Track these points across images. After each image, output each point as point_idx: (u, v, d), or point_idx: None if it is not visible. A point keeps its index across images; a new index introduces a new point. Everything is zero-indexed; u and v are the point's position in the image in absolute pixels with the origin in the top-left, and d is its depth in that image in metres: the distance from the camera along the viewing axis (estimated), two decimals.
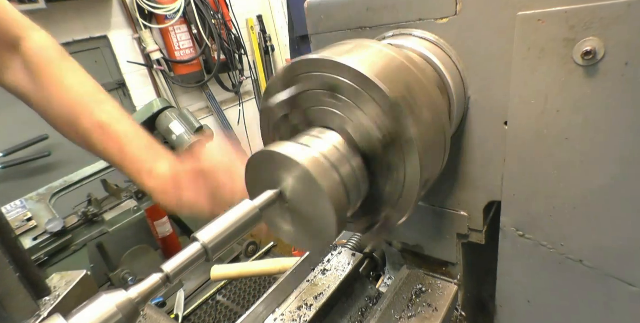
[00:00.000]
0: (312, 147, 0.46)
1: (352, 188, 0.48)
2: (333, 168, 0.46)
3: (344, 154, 0.48)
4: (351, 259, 0.90)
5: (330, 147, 0.48)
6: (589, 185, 0.54)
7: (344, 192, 0.46)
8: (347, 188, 0.47)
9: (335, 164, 0.46)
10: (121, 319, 0.33)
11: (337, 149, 0.48)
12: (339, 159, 0.47)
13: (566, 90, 0.51)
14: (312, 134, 0.50)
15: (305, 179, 0.43)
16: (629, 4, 0.43)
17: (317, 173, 0.43)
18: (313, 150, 0.46)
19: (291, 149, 0.45)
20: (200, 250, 0.39)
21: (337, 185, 0.45)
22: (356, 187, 0.49)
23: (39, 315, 0.40)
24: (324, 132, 0.50)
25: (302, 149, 0.45)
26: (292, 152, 0.44)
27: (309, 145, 0.47)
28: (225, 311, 2.77)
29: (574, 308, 0.66)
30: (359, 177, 0.49)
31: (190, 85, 3.92)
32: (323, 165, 0.44)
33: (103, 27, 3.37)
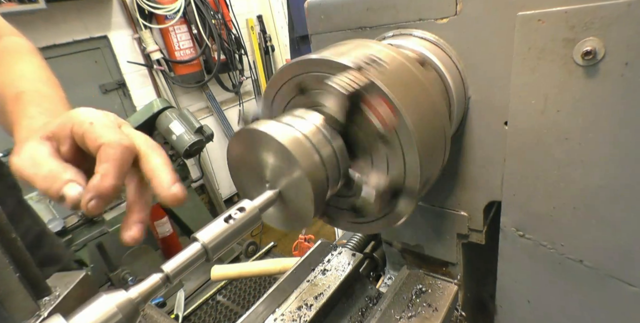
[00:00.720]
0: (295, 127, 0.47)
1: (332, 170, 0.48)
2: (314, 148, 0.46)
3: (325, 135, 0.48)
4: (351, 259, 0.90)
5: (313, 127, 0.48)
6: (589, 185, 0.54)
7: (323, 172, 0.46)
8: (326, 168, 0.47)
9: (317, 145, 0.46)
10: (121, 319, 0.33)
11: (320, 130, 0.48)
12: (320, 140, 0.47)
13: (566, 90, 0.51)
14: (296, 114, 0.50)
15: (286, 159, 0.44)
16: (629, 4, 0.43)
17: (297, 153, 0.43)
18: (295, 130, 0.46)
19: (274, 127, 0.45)
20: (200, 250, 0.39)
21: (317, 165, 0.45)
22: (336, 167, 0.49)
23: (39, 315, 0.40)
24: (308, 112, 0.50)
25: (285, 128, 0.45)
26: (275, 132, 0.44)
27: (292, 124, 0.47)
28: (225, 311, 2.77)
29: (574, 308, 0.66)
30: (339, 157, 0.49)
31: (190, 85, 3.92)
32: (304, 145, 0.45)
33: (103, 27, 3.37)
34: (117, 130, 0.47)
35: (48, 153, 0.47)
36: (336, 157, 0.49)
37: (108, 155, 0.44)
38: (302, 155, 0.43)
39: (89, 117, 0.48)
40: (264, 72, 4.61)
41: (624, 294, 0.57)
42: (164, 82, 3.78)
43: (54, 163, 0.46)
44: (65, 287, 0.45)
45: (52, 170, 0.46)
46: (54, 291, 0.44)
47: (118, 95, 3.62)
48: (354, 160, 0.52)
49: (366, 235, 1.03)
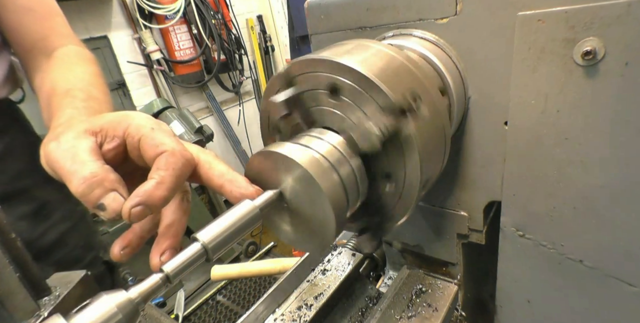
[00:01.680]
0: (312, 147, 0.47)
1: (351, 189, 0.48)
2: (332, 168, 0.46)
3: (343, 154, 0.48)
4: (351, 259, 0.90)
5: (330, 147, 0.48)
6: (589, 185, 0.54)
7: (343, 193, 0.46)
8: (346, 188, 0.47)
9: (335, 165, 0.46)
10: (121, 319, 0.33)
11: (337, 149, 0.48)
12: (338, 159, 0.47)
13: (566, 90, 0.51)
14: (311, 134, 0.51)
15: (304, 179, 0.43)
16: (629, 4, 0.43)
17: (316, 174, 0.43)
18: (312, 151, 0.46)
19: (291, 149, 0.45)
20: (200, 250, 0.39)
21: (336, 186, 0.45)
22: (355, 187, 0.49)
23: (39, 315, 0.40)
24: (323, 132, 0.51)
25: (302, 149, 0.45)
26: (291, 152, 0.44)
27: (309, 145, 0.47)
28: (225, 311, 2.77)
29: (574, 308, 0.66)
30: (358, 178, 0.49)
31: (190, 85, 3.92)
32: (322, 165, 0.44)
33: (103, 27, 3.37)
34: (178, 141, 0.45)
35: (90, 149, 0.43)
36: (355, 176, 0.49)
37: (169, 164, 0.41)
38: (321, 175, 0.43)
39: (149, 122, 0.45)
40: (264, 72, 4.61)
41: (624, 294, 0.57)
42: (164, 82, 3.78)
43: (96, 165, 0.42)
44: (65, 287, 0.45)
45: (95, 172, 0.41)
46: (54, 291, 0.44)
47: (118, 95, 3.62)
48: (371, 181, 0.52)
49: None
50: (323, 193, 0.42)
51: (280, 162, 0.44)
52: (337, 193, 0.45)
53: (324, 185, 0.43)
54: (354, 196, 0.49)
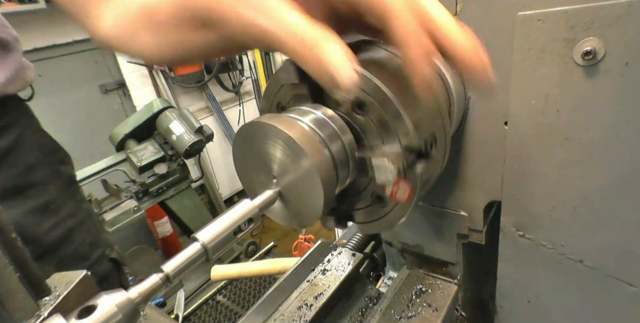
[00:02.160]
0: (303, 121, 0.46)
1: (341, 164, 0.47)
2: (323, 142, 0.45)
3: (335, 129, 0.47)
4: (351, 259, 0.90)
5: (322, 121, 0.47)
6: (589, 185, 0.54)
7: (332, 167, 0.45)
8: (336, 163, 0.46)
9: (326, 139, 0.45)
10: (121, 319, 0.33)
11: (329, 124, 0.47)
12: (330, 134, 0.46)
13: (566, 90, 0.51)
14: (304, 108, 0.49)
15: (293, 152, 0.42)
16: (629, 4, 0.43)
17: (305, 146, 0.42)
18: (303, 123, 0.45)
19: (281, 120, 0.44)
20: (200, 250, 0.39)
21: (326, 159, 0.44)
22: (346, 163, 0.48)
23: (39, 315, 0.40)
24: (317, 106, 0.49)
25: (293, 121, 0.44)
26: (281, 124, 0.43)
27: (300, 118, 0.46)
28: (225, 311, 2.77)
29: (574, 308, 0.66)
30: (349, 154, 0.48)
31: (190, 85, 3.93)
32: (312, 138, 0.44)
33: None
34: None
35: None
36: (346, 152, 0.48)
37: None
38: (311, 149, 0.42)
39: None
40: (264, 72, 4.61)
41: (624, 294, 0.57)
42: (164, 82, 3.78)
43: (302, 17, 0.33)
44: (65, 287, 0.44)
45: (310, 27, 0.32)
46: (54, 291, 0.44)
47: (118, 95, 3.62)
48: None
49: (366, 235, 1.03)
50: (312, 167, 0.42)
51: (270, 134, 0.43)
52: (327, 167, 0.44)
53: (314, 159, 0.42)
54: (343, 172, 0.48)
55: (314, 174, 0.42)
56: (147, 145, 2.91)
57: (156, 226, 3.40)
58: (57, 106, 3.18)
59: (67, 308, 0.36)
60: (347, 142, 0.48)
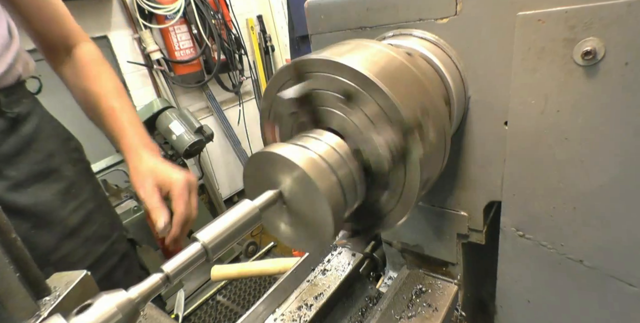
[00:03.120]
0: (310, 148, 0.47)
1: (349, 190, 0.48)
2: (330, 169, 0.46)
3: (341, 155, 0.48)
4: (351, 259, 0.90)
5: (328, 148, 0.48)
6: (589, 185, 0.54)
7: (340, 194, 0.46)
8: (344, 189, 0.47)
9: (333, 166, 0.47)
10: (121, 319, 0.33)
11: (335, 151, 0.48)
12: (336, 160, 0.48)
13: (566, 90, 0.51)
14: (310, 135, 0.51)
15: (302, 180, 0.43)
16: (629, 4, 0.43)
17: (314, 175, 0.43)
18: (311, 152, 0.46)
19: (289, 150, 0.45)
20: (200, 250, 0.39)
21: (334, 187, 0.45)
22: (353, 188, 0.49)
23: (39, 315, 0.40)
24: (322, 133, 0.51)
25: (300, 150, 0.45)
26: (289, 153, 0.44)
27: (307, 146, 0.47)
28: (225, 311, 2.77)
29: (574, 308, 0.66)
30: (356, 179, 0.49)
31: (190, 85, 3.92)
32: (320, 166, 0.45)
33: (103, 27, 3.37)
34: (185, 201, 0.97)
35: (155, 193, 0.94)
36: (353, 177, 0.49)
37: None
38: (319, 176, 0.43)
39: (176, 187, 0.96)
40: (264, 72, 4.60)
41: (624, 294, 0.57)
42: (164, 82, 3.77)
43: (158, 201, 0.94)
44: (65, 287, 0.44)
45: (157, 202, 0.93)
46: (54, 291, 0.44)
47: None
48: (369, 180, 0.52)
49: None
50: (321, 194, 0.43)
51: (279, 163, 0.45)
52: (335, 194, 0.45)
53: (322, 186, 0.43)
54: (351, 197, 0.49)
55: (323, 201, 0.43)
56: None
57: None
58: (57, 106, 3.17)
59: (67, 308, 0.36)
60: (353, 167, 0.49)
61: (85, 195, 1.07)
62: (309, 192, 0.44)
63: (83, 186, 1.08)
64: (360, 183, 0.50)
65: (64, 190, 1.01)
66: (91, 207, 1.08)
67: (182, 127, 2.90)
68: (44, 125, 1.02)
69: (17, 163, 0.92)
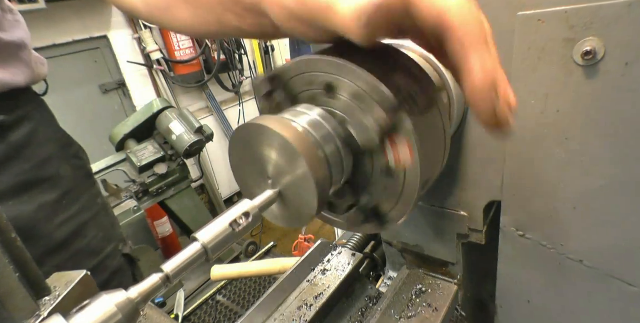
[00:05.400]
0: (298, 122, 0.46)
1: (336, 167, 0.48)
2: (317, 144, 0.45)
3: (330, 130, 0.48)
4: (351, 259, 0.90)
5: (317, 122, 0.47)
6: (589, 185, 0.54)
7: (327, 169, 0.45)
8: (330, 165, 0.46)
9: (320, 140, 0.46)
10: (121, 319, 0.33)
11: (324, 125, 0.47)
12: (324, 135, 0.47)
13: (566, 90, 0.51)
14: (298, 109, 0.50)
15: (288, 154, 0.43)
16: (629, 4, 0.43)
17: (300, 148, 0.42)
18: (298, 125, 0.45)
19: (276, 122, 0.44)
20: (200, 250, 0.39)
21: (320, 161, 0.44)
22: (339, 165, 0.49)
23: (39, 315, 0.40)
24: (311, 108, 0.50)
25: (287, 122, 0.45)
26: (276, 126, 0.43)
27: (295, 119, 0.46)
28: (225, 311, 2.77)
29: (574, 308, 0.66)
30: (343, 155, 0.49)
31: (190, 85, 3.93)
32: (307, 140, 0.44)
33: (103, 27, 3.37)
34: None
35: None
36: (340, 153, 0.48)
37: None
38: (306, 150, 0.43)
39: None
40: (264, 72, 4.61)
41: (624, 294, 0.57)
42: (164, 82, 3.78)
43: None
44: (65, 287, 0.44)
45: None
46: (54, 291, 0.44)
47: (118, 95, 3.62)
48: None
49: (366, 235, 1.03)
50: (307, 169, 0.42)
51: (265, 136, 0.44)
52: (321, 169, 0.44)
53: (309, 161, 0.42)
54: (338, 173, 0.49)
55: (307, 175, 0.43)
56: (147, 145, 2.91)
57: (156, 226, 3.40)
58: (57, 106, 3.18)
59: (67, 308, 0.36)
60: (341, 141, 0.48)
61: (80, 206, 1.01)
62: (295, 166, 0.43)
63: (79, 195, 1.02)
64: (346, 159, 0.49)
65: (54, 201, 0.95)
66: (85, 219, 1.02)
67: (182, 127, 2.90)
68: (41, 130, 0.96)
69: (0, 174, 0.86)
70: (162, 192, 2.98)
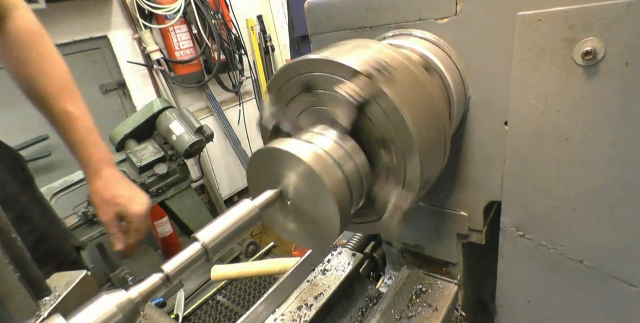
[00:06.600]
0: (315, 143, 0.46)
1: (355, 185, 0.48)
2: (336, 164, 0.45)
3: (347, 150, 0.48)
4: (351, 259, 0.90)
5: (333, 143, 0.47)
6: (589, 185, 0.54)
7: (347, 189, 0.45)
8: (350, 185, 0.46)
9: (338, 161, 0.46)
10: (121, 319, 0.33)
11: (340, 146, 0.48)
12: (342, 155, 0.47)
13: (566, 90, 0.51)
14: (314, 130, 0.50)
15: (308, 176, 0.43)
16: (629, 4, 0.43)
17: (320, 170, 0.42)
18: (315, 147, 0.45)
19: (294, 145, 0.44)
20: (200, 250, 0.39)
21: (340, 182, 0.44)
22: (359, 183, 0.48)
23: (39, 315, 0.40)
24: (326, 128, 0.50)
25: (305, 145, 0.45)
26: (294, 149, 0.43)
27: (312, 141, 0.47)
28: (225, 311, 2.77)
29: (574, 308, 0.66)
30: (362, 174, 0.48)
31: (190, 85, 3.92)
32: (326, 161, 0.44)
33: (103, 27, 3.37)
34: None
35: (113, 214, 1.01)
36: (359, 173, 0.48)
37: None
38: (325, 172, 0.43)
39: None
40: (264, 72, 4.60)
41: (624, 294, 0.57)
42: (164, 82, 3.77)
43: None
44: (65, 287, 0.44)
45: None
46: (54, 291, 0.44)
47: (118, 95, 3.61)
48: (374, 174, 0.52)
49: (366, 235, 1.03)
50: (327, 190, 0.42)
51: (283, 159, 0.44)
52: (341, 189, 0.44)
53: (328, 182, 0.42)
54: (357, 192, 0.49)
55: (329, 198, 0.43)
56: (147, 145, 2.91)
57: (156, 226, 3.40)
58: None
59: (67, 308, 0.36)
60: (359, 162, 0.48)
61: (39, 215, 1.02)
62: (314, 188, 0.43)
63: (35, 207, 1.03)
64: (366, 178, 0.49)
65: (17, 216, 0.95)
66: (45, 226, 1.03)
67: (182, 127, 2.89)
68: None
69: None
70: (162, 192, 2.97)
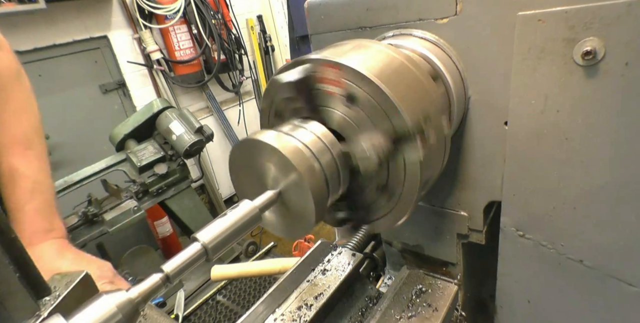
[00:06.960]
0: (295, 136, 0.47)
1: (332, 178, 0.49)
2: (314, 157, 0.46)
3: (325, 144, 0.49)
4: (351, 259, 0.90)
5: (313, 137, 0.48)
6: (589, 185, 0.54)
7: (323, 181, 0.47)
8: (327, 177, 0.47)
9: (316, 153, 0.47)
10: (121, 319, 0.33)
11: (319, 139, 0.49)
12: (320, 148, 0.48)
13: (566, 90, 0.51)
14: (295, 123, 0.51)
15: (285, 167, 0.44)
16: (629, 4, 0.43)
17: (297, 162, 0.43)
18: (295, 139, 0.46)
19: (273, 137, 0.45)
20: (200, 250, 0.39)
21: (317, 174, 0.45)
22: (336, 176, 0.49)
23: (39, 315, 0.40)
24: (307, 121, 0.51)
25: (284, 137, 0.46)
26: (274, 141, 0.44)
27: (292, 134, 0.48)
28: (225, 311, 2.77)
29: (574, 308, 0.66)
30: (339, 166, 0.49)
31: (190, 85, 3.93)
32: (304, 154, 0.45)
33: (103, 27, 3.37)
34: None
35: None
36: (336, 164, 0.49)
37: None
38: (302, 163, 0.44)
39: None
40: (264, 72, 4.61)
41: (624, 294, 0.57)
42: (164, 82, 3.78)
43: None
44: (65, 287, 0.44)
45: None
46: (54, 291, 0.44)
47: (118, 95, 3.62)
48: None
49: (366, 235, 1.03)
50: (304, 182, 0.43)
51: (263, 150, 0.45)
52: (318, 181, 0.45)
53: (305, 174, 0.43)
54: (335, 184, 0.50)
55: (304, 186, 0.44)
56: (147, 145, 2.91)
57: (156, 226, 3.40)
58: (57, 106, 3.18)
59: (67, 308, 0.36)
60: (336, 154, 0.49)
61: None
62: (292, 179, 0.44)
63: None
64: (343, 170, 0.50)
65: None
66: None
67: (182, 127, 2.90)
68: None
69: None
70: (162, 192, 2.97)
